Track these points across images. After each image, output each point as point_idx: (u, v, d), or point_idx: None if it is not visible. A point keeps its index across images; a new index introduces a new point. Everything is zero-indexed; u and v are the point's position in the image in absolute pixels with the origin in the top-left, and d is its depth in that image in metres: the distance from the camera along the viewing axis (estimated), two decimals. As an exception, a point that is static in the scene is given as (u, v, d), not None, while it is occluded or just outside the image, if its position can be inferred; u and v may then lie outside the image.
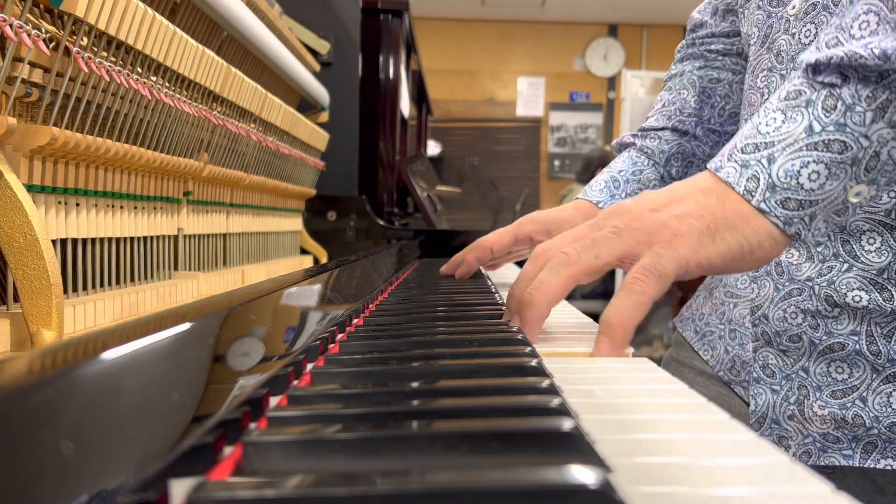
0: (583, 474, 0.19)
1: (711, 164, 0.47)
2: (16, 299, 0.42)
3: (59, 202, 0.46)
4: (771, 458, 0.23)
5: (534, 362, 0.33)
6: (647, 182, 0.79)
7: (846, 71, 0.44)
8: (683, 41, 0.84)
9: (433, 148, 4.72)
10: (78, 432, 0.17)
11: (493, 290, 0.70)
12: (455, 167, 5.13)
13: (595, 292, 3.88)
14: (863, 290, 0.55)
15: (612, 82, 5.46)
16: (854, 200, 0.45)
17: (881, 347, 0.55)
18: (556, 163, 5.44)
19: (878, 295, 0.55)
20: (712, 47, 0.81)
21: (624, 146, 0.84)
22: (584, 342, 0.46)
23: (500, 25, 5.37)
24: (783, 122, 0.45)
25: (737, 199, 0.45)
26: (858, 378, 0.56)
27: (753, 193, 0.44)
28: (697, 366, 0.73)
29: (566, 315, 0.60)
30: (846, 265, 0.56)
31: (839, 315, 0.57)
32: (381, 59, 1.36)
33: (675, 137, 0.81)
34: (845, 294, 0.56)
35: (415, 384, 0.30)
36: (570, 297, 0.58)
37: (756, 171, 0.44)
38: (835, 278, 0.57)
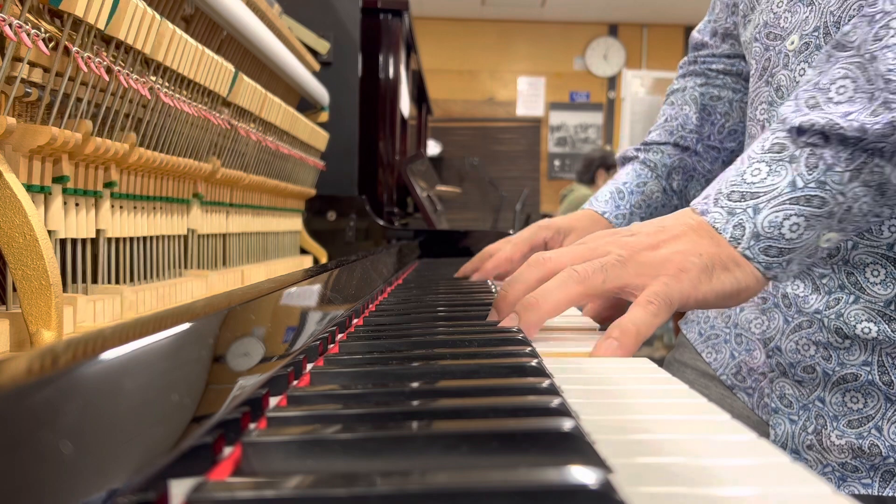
0: (583, 475, 0.18)
1: (697, 206, 0.50)
2: (15, 299, 0.42)
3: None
4: (771, 458, 0.23)
5: (534, 362, 0.33)
6: (650, 193, 0.82)
7: (828, 133, 0.47)
8: (686, 57, 0.87)
9: (433, 148, 4.72)
10: (77, 433, 0.17)
11: (494, 290, 0.70)
12: (455, 167, 5.13)
13: None
14: (871, 321, 0.56)
15: (613, 82, 5.46)
16: (824, 246, 0.49)
17: (893, 378, 0.55)
18: (557, 162, 5.44)
19: (886, 326, 0.55)
20: (713, 66, 0.84)
21: (627, 159, 0.88)
22: (583, 342, 0.46)
23: (500, 25, 5.37)
24: (768, 174, 0.48)
25: (727, 243, 0.48)
26: (873, 408, 0.56)
27: (739, 241, 0.47)
28: (700, 367, 0.73)
29: (565, 315, 0.60)
30: (852, 297, 0.57)
31: (850, 346, 0.57)
32: (380, 58, 1.35)
33: (677, 152, 0.84)
34: (854, 326, 0.56)
35: (415, 384, 0.30)
36: None
37: (741, 219, 0.48)
38: (843, 310, 0.57)
